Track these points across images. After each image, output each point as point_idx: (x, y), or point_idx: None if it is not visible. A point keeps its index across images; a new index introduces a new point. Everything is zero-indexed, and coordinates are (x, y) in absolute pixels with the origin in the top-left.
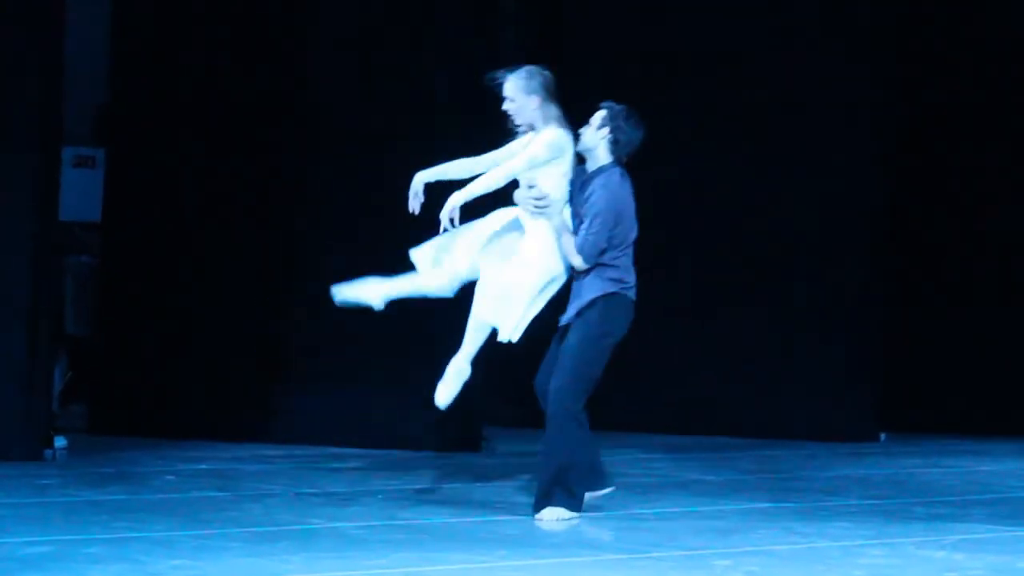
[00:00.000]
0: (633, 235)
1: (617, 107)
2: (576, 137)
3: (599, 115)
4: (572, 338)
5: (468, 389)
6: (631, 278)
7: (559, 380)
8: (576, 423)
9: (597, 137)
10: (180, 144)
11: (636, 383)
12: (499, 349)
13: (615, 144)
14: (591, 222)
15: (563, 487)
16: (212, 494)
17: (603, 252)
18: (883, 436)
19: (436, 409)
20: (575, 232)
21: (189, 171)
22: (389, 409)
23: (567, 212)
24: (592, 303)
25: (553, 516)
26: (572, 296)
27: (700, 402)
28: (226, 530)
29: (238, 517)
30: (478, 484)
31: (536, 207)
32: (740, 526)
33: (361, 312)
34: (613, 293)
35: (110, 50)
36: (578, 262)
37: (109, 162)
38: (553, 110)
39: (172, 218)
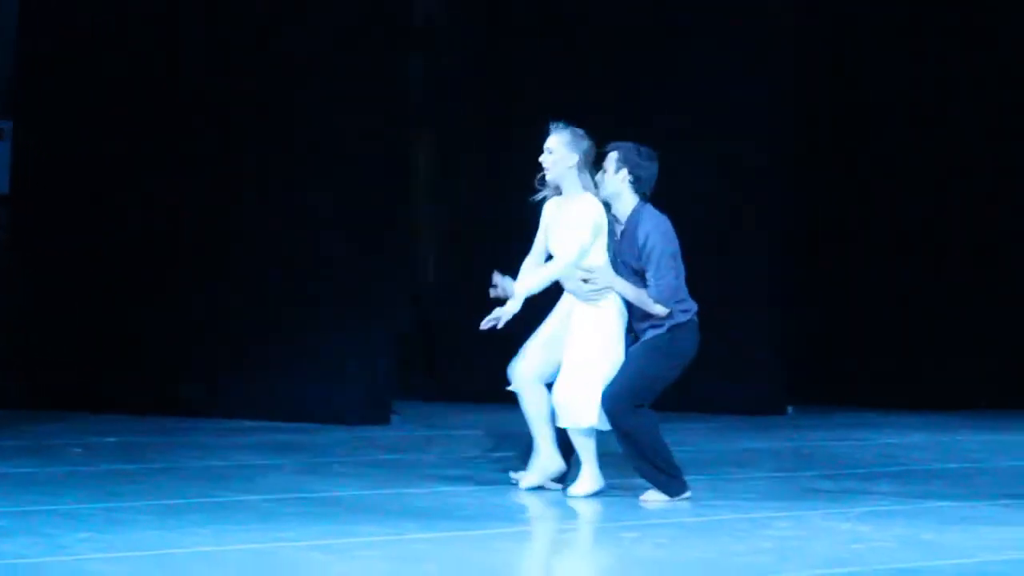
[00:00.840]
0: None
1: (626, 145)
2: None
3: (612, 158)
4: (639, 350)
5: (378, 362)
6: (694, 305)
7: (615, 387)
8: (635, 414)
9: (618, 181)
10: (90, 115)
11: None
12: (411, 324)
13: (637, 182)
14: (658, 268)
15: (662, 473)
16: (122, 467)
17: (677, 290)
18: (791, 409)
19: (345, 383)
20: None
21: (99, 142)
22: (299, 383)
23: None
24: (666, 328)
25: (660, 498)
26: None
27: None
28: (135, 503)
29: (147, 490)
30: (388, 456)
31: (593, 293)
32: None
33: (272, 288)
34: (684, 322)
35: (19, 20)
36: (660, 310)
37: (17, 134)
38: (587, 178)
39: (81, 190)
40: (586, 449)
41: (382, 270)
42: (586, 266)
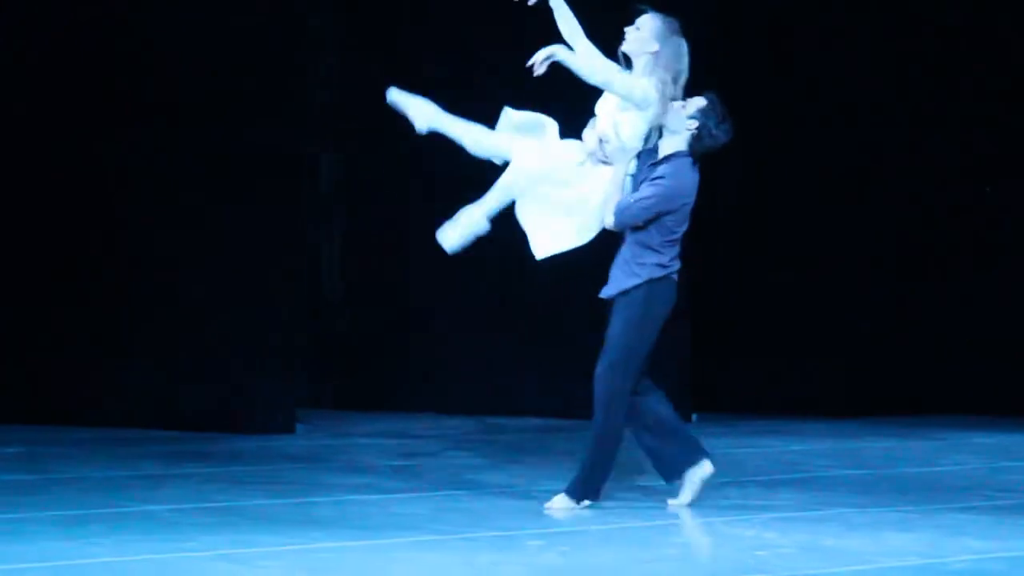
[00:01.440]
0: (683, 227)
1: (718, 105)
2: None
3: (696, 103)
4: (616, 322)
5: (283, 372)
6: (676, 264)
7: (606, 361)
8: (623, 406)
9: (682, 123)
10: None
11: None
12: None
13: (697, 140)
14: (644, 196)
15: (587, 477)
16: (22, 477)
17: (638, 229)
18: (695, 417)
19: (249, 392)
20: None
21: None
22: (201, 392)
23: (632, 165)
24: (637, 287)
25: (564, 505)
26: (615, 272)
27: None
28: (36, 513)
29: (48, 500)
30: (291, 466)
31: (603, 157)
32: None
33: (169, 295)
34: (659, 278)
35: None
36: (609, 221)
37: None
38: (660, 72)
39: None
40: (498, 202)
41: (284, 280)
42: (611, 142)
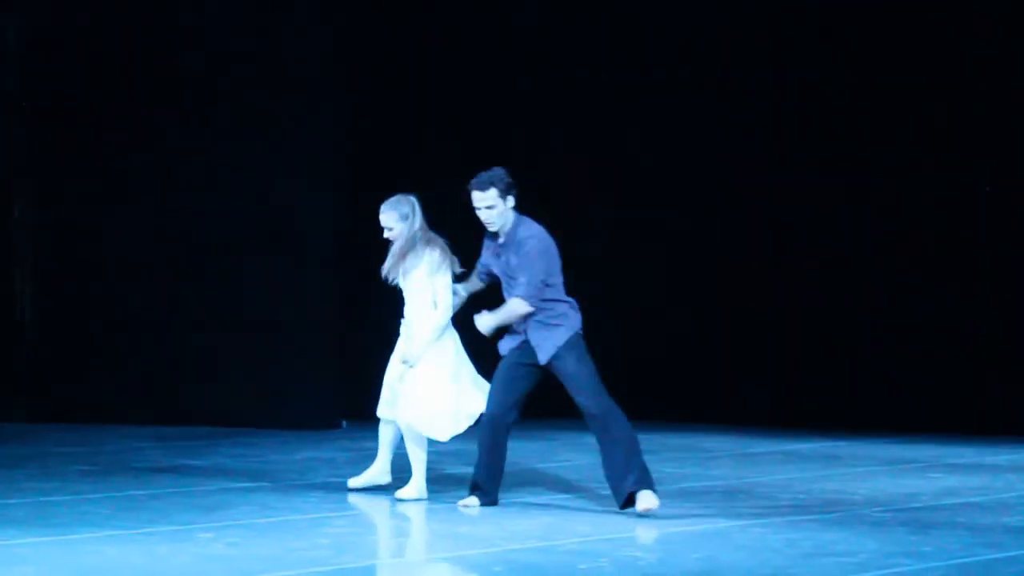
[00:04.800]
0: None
1: (494, 174)
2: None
3: (493, 194)
4: (569, 364)
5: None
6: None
7: (588, 394)
8: (618, 413)
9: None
10: None
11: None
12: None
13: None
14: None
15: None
16: None
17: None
18: (344, 423)
19: None
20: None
21: None
22: None
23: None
24: (569, 339)
25: (655, 501)
26: (540, 338)
27: (185, 395)
28: None
29: None
30: None
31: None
32: (222, 503)
33: None
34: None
35: None
36: (524, 308)
37: None
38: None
39: None
40: (421, 460)
41: None
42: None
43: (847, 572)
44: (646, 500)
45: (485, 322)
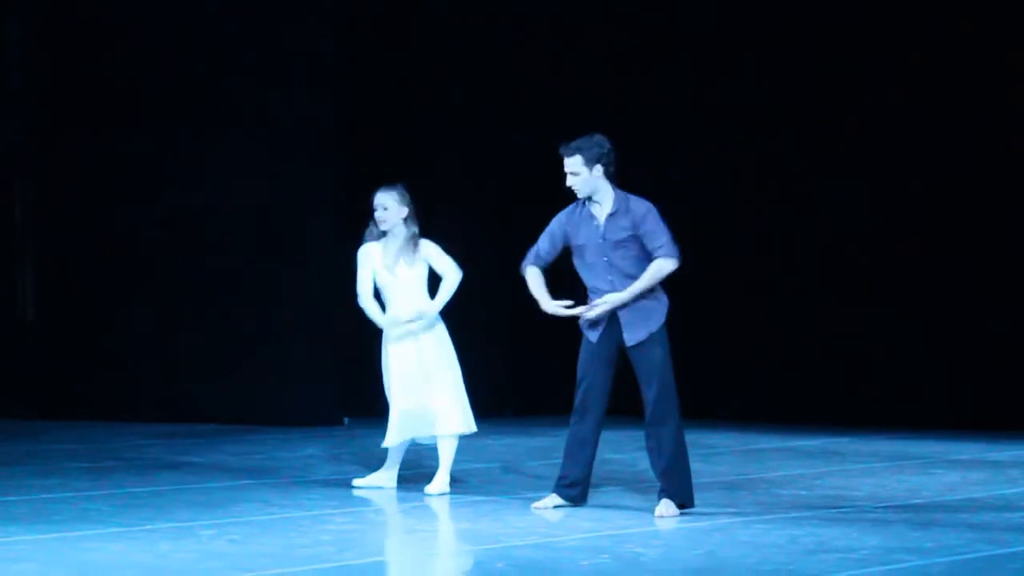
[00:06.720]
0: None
1: (585, 141)
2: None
3: (578, 161)
4: (656, 354)
5: None
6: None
7: (662, 391)
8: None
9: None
10: None
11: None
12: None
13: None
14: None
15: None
16: None
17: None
18: (346, 420)
19: None
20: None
21: None
22: None
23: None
24: (661, 326)
25: (673, 511)
26: (634, 318)
27: (187, 392)
28: None
29: None
30: None
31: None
32: (224, 500)
33: None
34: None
35: None
36: (670, 266)
37: None
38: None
39: None
40: (451, 454)
41: None
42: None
43: (849, 568)
44: (665, 508)
45: (618, 298)
